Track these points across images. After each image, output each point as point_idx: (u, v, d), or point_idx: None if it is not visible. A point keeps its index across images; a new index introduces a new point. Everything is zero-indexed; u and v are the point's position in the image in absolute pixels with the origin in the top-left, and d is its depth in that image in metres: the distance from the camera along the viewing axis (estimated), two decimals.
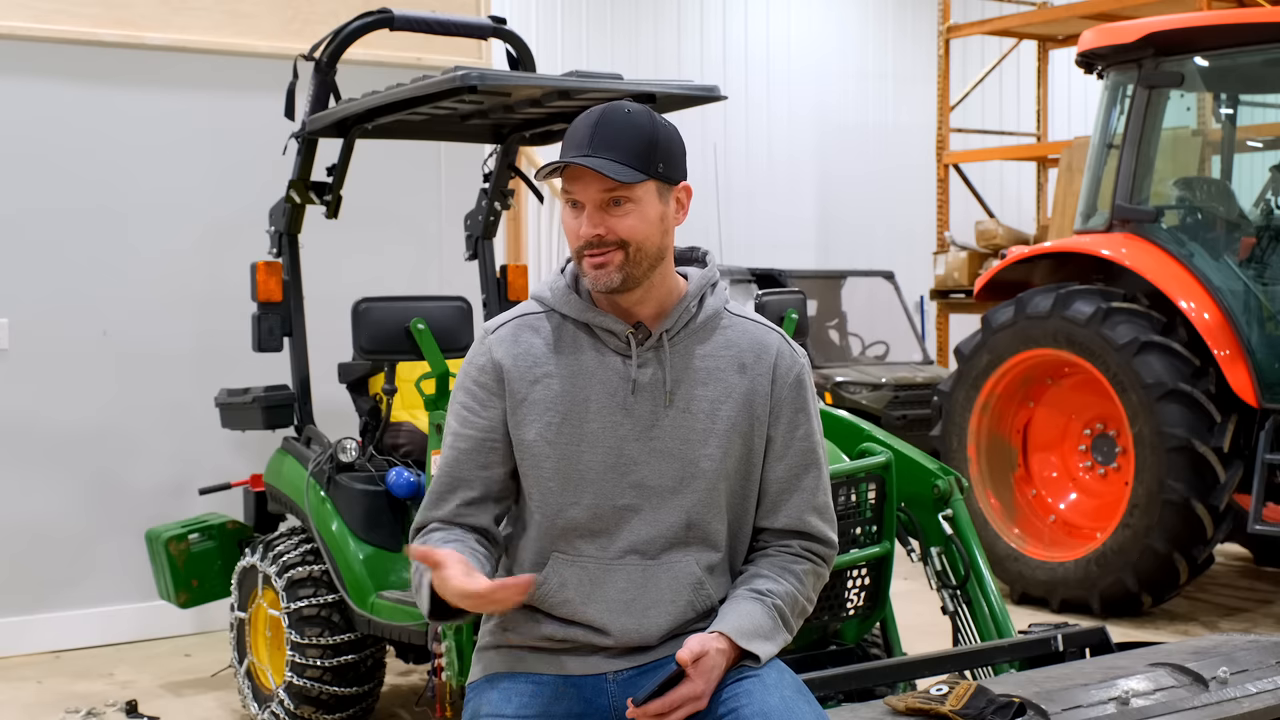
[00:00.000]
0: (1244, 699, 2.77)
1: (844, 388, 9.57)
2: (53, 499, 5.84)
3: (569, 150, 2.42)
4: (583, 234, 2.41)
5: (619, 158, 2.39)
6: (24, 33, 5.74)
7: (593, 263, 2.42)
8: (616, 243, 2.40)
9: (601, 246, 2.40)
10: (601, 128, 2.40)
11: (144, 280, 5.99)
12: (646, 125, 2.43)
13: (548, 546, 2.49)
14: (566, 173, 2.42)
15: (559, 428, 2.46)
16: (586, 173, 2.39)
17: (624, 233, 2.40)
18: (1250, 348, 6.17)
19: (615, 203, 2.41)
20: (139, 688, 5.28)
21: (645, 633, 2.46)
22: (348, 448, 4.57)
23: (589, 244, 2.41)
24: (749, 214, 12.98)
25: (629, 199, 2.41)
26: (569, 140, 2.43)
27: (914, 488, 3.75)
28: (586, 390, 2.47)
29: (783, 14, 13.56)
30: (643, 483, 2.46)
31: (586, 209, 2.41)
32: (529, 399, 2.47)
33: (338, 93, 4.84)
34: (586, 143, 2.40)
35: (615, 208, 2.41)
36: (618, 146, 2.39)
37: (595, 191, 2.40)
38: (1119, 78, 6.80)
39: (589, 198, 2.41)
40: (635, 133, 2.41)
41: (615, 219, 2.40)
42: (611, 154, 2.38)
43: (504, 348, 2.51)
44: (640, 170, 2.40)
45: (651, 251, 2.44)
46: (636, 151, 2.40)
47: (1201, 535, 6.09)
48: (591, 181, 2.40)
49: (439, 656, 3.85)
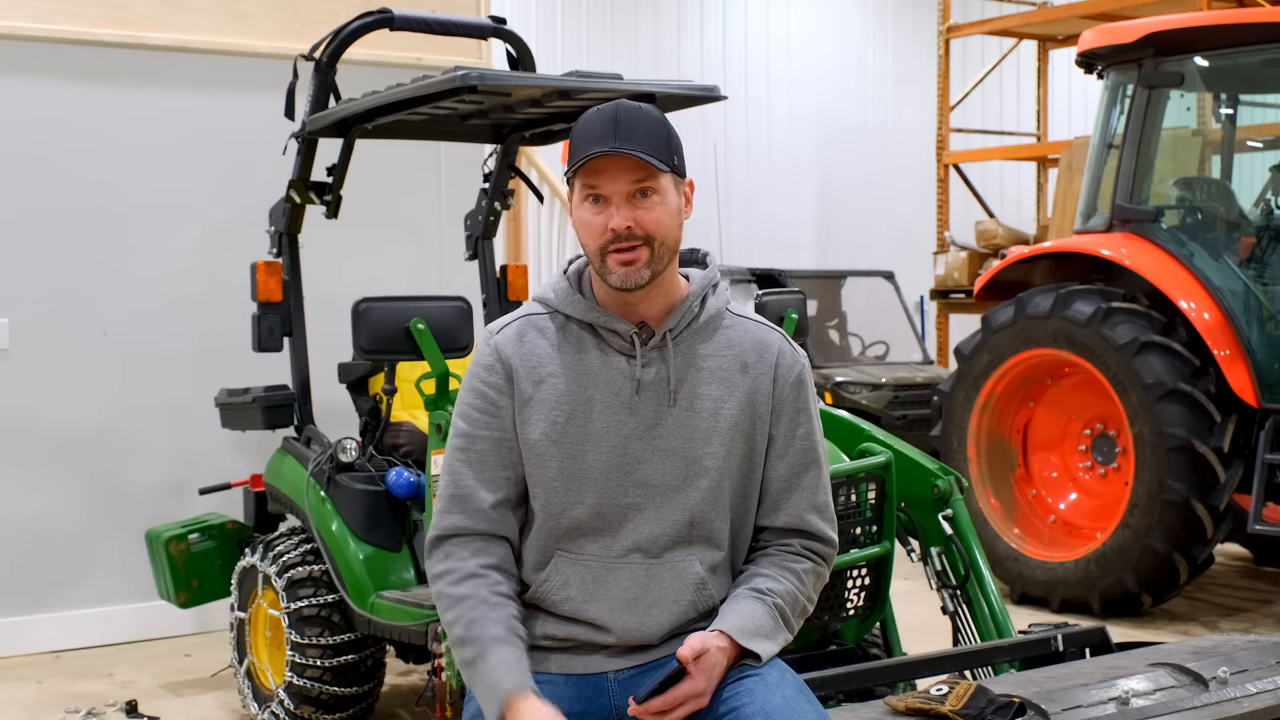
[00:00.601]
0: (1244, 699, 2.77)
1: (844, 388, 9.57)
2: (53, 499, 5.84)
3: (589, 145, 2.39)
4: (614, 226, 2.40)
5: (644, 149, 2.39)
6: (24, 33, 5.74)
7: (621, 259, 2.41)
8: (644, 238, 2.40)
9: (630, 240, 2.40)
10: (622, 120, 2.40)
11: (144, 280, 5.99)
12: (660, 119, 2.45)
13: (551, 545, 2.48)
14: (589, 167, 2.40)
15: (564, 427, 2.45)
16: (613, 165, 2.38)
17: (651, 225, 2.40)
18: (1250, 348, 6.17)
19: (642, 194, 2.41)
20: (139, 688, 5.28)
21: (647, 632, 2.46)
22: (348, 448, 4.57)
23: (617, 238, 2.40)
24: (749, 214, 12.97)
25: (655, 190, 2.41)
26: (586, 136, 2.41)
27: (914, 488, 3.75)
28: (591, 390, 2.47)
29: (783, 14, 13.56)
30: (647, 481, 2.46)
31: (614, 201, 2.40)
32: (534, 399, 2.47)
33: (338, 93, 4.84)
34: (610, 135, 2.38)
35: (642, 199, 2.41)
36: (640, 138, 2.39)
37: (625, 183, 2.40)
38: (1119, 78, 6.80)
39: (617, 190, 2.40)
40: (653, 125, 2.42)
41: (643, 211, 2.40)
42: (637, 145, 2.38)
43: (510, 347, 2.50)
44: (664, 161, 2.41)
45: (671, 245, 2.45)
46: (657, 143, 2.41)
47: (1201, 535, 6.09)
48: (621, 173, 2.39)
49: (439, 656, 3.85)
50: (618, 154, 2.37)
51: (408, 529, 4.52)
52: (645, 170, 2.40)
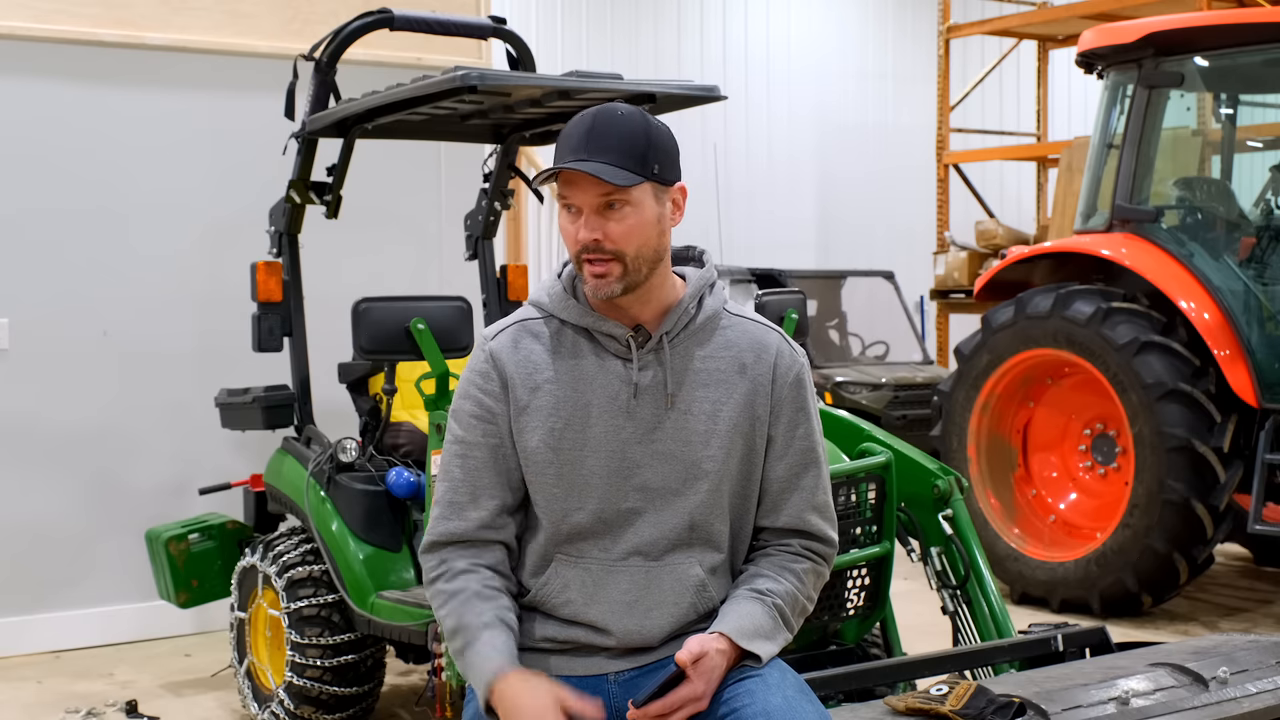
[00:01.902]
0: (1244, 699, 2.76)
1: (844, 388, 9.57)
2: (53, 499, 5.84)
3: (563, 155, 2.39)
4: (580, 238, 2.39)
5: (615, 160, 2.37)
6: (24, 33, 5.74)
7: (593, 271, 2.41)
8: (614, 253, 2.39)
9: (599, 253, 2.39)
10: (596, 131, 2.38)
11: (144, 280, 5.99)
12: (640, 127, 2.41)
13: (551, 550, 2.48)
14: (562, 177, 2.40)
15: (561, 434, 2.45)
16: (582, 177, 2.37)
17: (619, 238, 2.38)
18: (1250, 348, 6.17)
19: (611, 206, 2.39)
20: (139, 688, 5.28)
21: (647, 634, 2.46)
22: (348, 448, 4.57)
23: (587, 248, 2.40)
24: (749, 214, 12.97)
25: (625, 202, 2.39)
26: (563, 145, 2.41)
27: (914, 488, 3.75)
28: (588, 395, 2.46)
29: (783, 14, 13.56)
30: (646, 485, 2.45)
31: (584, 213, 2.40)
32: (531, 406, 2.46)
33: (338, 93, 4.83)
34: (582, 147, 2.37)
35: (611, 211, 2.39)
36: (613, 149, 2.37)
37: (592, 196, 2.38)
38: (1119, 78, 6.80)
39: (585, 202, 2.39)
40: (630, 135, 2.39)
41: (612, 223, 2.39)
42: (607, 157, 2.36)
43: (505, 354, 2.49)
44: (636, 172, 2.38)
45: (649, 255, 2.43)
46: (632, 154, 2.38)
47: (1201, 535, 6.09)
48: (588, 186, 2.38)
49: (439, 656, 3.85)
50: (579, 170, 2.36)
51: (408, 529, 4.52)
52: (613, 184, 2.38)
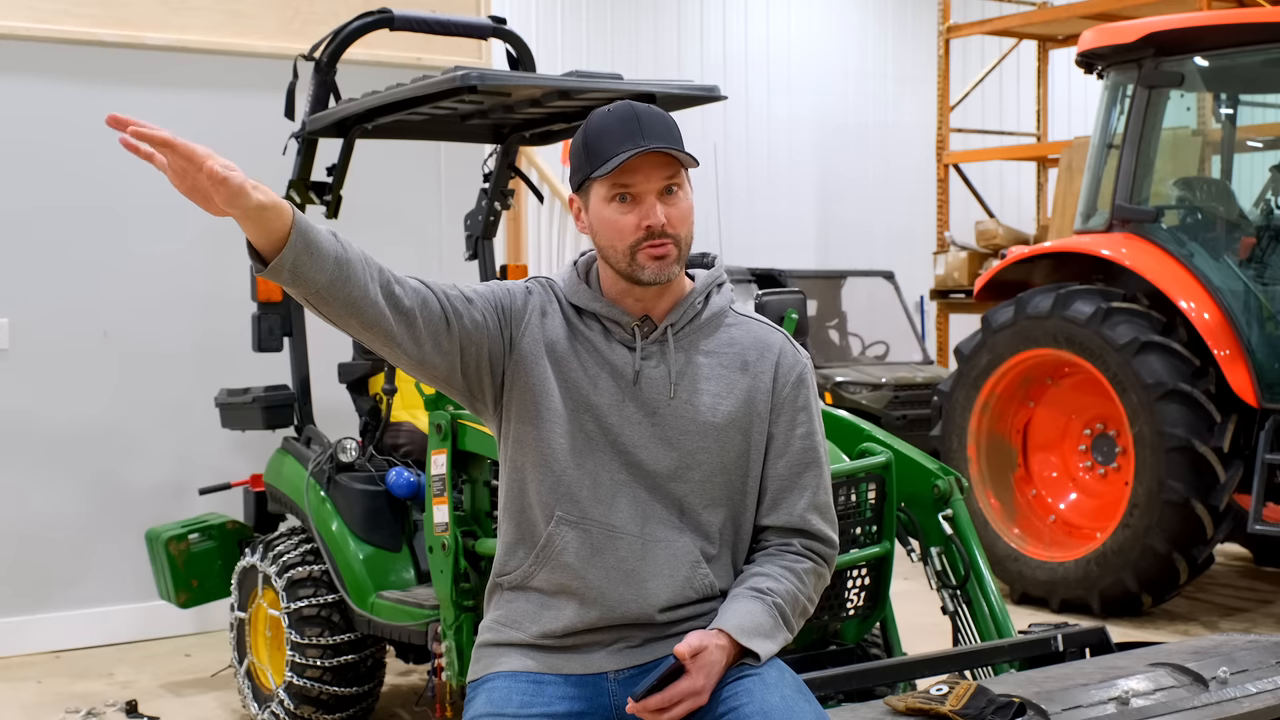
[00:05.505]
0: (1244, 699, 2.76)
1: (844, 388, 9.57)
2: (53, 499, 5.84)
3: (617, 145, 2.40)
4: (650, 223, 2.41)
5: (673, 144, 2.42)
6: (24, 33, 5.74)
7: (655, 254, 2.42)
8: (674, 236, 2.43)
9: (663, 237, 2.42)
10: (644, 119, 2.43)
11: (144, 280, 5.99)
12: (671, 116, 2.48)
13: (552, 506, 2.47)
14: (622, 167, 2.40)
15: (569, 392, 2.47)
16: (645, 163, 2.40)
17: (678, 221, 2.43)
18: (1250, 348, 6.17)
19: (670, 190, 2.44)
20: (139, 688, 5.28)
21: (643, 605, 2.46)
22: (348, 448, 4.57)
23: (651, 234, 2.41)
24: (749, 214, 12.96)
25: (680, 185, 2.45)
26: (609, 137, 2.41)
27: (914, 488, 3.75)
28: (594, 370, 2.49)
29: (783, 14, 13.55)
30: (640, 464, 2.47)
31: (647, 199, 2.42)
32: (535, 373, 2.48)
33: (338, 93, 4.83)
34: (638, 133, 2.40)
35: (669, 195, 2.44)
36: (664, 135, 2.42)
37: (658, 180, 2.42)
38: (1119, 78, 6.80)
39: (651, 187, 2.42)
40: (669, 122, 2.46)
41: (672, 206, 2.44)
42: (664, 141, 2.41)
43: (535, 314, 2.52)
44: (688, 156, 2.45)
45: (691, 240, 2.49)
46: (678, 138, 2.45)
47: (1201, 535, 6.09)
48: (651, 171, 2.41)
49: (439, 656, 3.85)
50: (651, 152, 2.39)
51: (408, 529, 4.52)
52: (674, 166, 2.43)
